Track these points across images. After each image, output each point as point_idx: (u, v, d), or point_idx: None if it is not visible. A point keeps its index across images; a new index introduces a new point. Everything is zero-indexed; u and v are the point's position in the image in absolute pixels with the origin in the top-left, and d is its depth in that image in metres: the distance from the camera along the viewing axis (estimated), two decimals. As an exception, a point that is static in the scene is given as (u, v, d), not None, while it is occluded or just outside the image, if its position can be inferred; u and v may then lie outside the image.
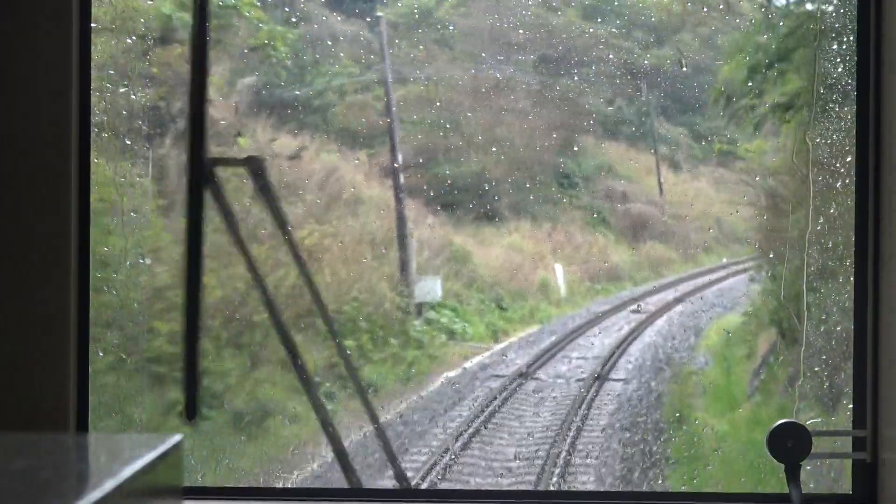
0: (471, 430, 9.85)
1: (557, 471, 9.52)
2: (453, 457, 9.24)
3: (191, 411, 3.60)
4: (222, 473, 8.13)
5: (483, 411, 10.35)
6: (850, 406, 3.71)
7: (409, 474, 8.37)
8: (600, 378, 11.52)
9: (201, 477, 7.97)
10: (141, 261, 5.90)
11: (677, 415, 10.91)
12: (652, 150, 19.62)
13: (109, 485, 1.76)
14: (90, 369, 3.61)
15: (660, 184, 19.60)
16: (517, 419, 10.43)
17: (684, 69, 14.88)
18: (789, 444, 3.53)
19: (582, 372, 11.92)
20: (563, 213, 18.50)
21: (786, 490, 3.53)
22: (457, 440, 9.53)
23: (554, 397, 11.22)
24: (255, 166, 3.78)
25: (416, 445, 9.38)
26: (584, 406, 11.07)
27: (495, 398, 10.62)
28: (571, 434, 10.22)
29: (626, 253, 18.95)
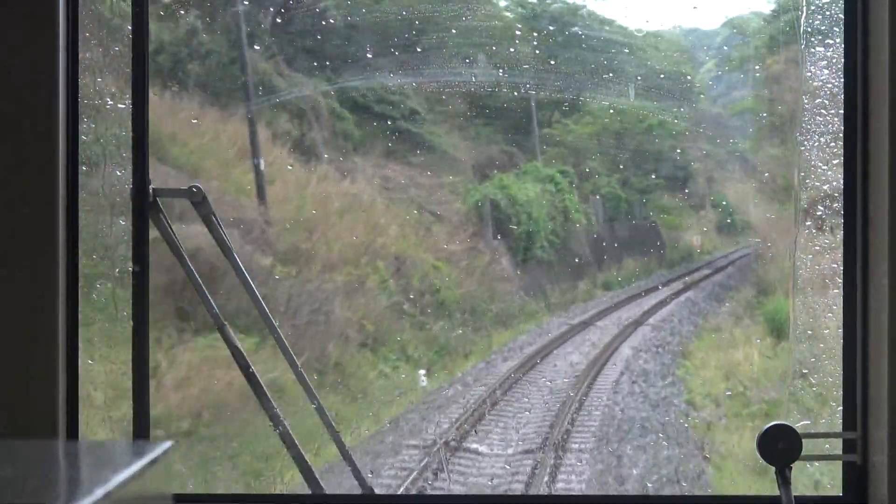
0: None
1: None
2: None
3: (143, 431, 3.66)
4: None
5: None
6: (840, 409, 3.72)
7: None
8: None
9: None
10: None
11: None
12: (247, 113, 10.46)
13: (99, 492, 1.75)
14: (79, 376, 3.61)
15: (258, 181, 10.20)
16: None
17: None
18: (780, 446, 3.53)
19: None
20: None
21: (776, 493, 3.53)
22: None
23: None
24: (197, 196, 3.89)
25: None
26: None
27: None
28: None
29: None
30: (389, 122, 12.50)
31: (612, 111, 12.57)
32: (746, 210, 14.29)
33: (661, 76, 12.45)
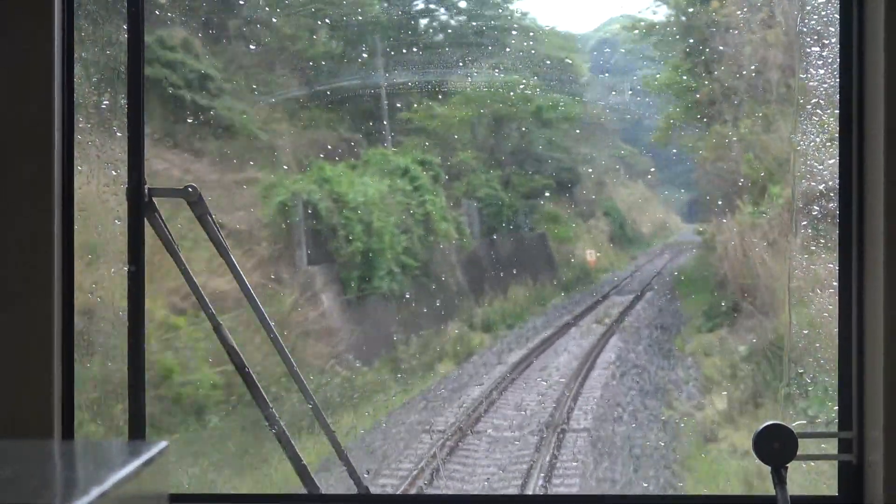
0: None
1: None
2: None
3: (137, 430, 3.67)
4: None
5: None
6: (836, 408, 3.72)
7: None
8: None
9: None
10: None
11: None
12: None
13: (95, 492, 1.75)
14: (75, 376, 3.61)
15: None
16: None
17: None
18: (775, 445, 3.54)
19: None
20: None
21: (772, 492, 3.54)
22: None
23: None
24: (193, 196, 3.90)
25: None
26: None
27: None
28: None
29: None
30: (166, 92, 8.54)
31: (489, 92, 9.41)
32: (650, 216, 12.13)
33: (547, 61, 9.98)
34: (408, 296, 8.60)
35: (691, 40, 10.53)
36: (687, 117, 10.73)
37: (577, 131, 10.78)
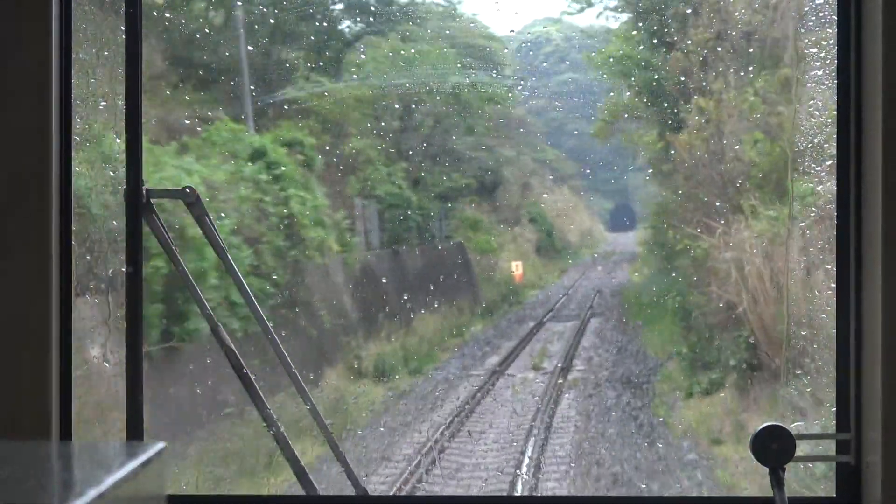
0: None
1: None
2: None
3: (136, 431, 3.67)
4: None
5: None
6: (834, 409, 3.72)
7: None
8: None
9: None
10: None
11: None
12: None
13: (92, 493, 1.75)
14: (72, 377, 3.61)
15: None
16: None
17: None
18: (773, 447, 3.54)
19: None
20: None
21: (770, 493, 3.54)
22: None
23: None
24: (191, 197, 3.91)
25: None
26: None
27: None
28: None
29: None
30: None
31: (396, 66, 7.26)
32: (577, 224, 10.66)
33: (467, 41, 8.23)
34: (254, 339, 5.75)
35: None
36: (642, 99, 8.80)
37: (500, 128, 9.09)
